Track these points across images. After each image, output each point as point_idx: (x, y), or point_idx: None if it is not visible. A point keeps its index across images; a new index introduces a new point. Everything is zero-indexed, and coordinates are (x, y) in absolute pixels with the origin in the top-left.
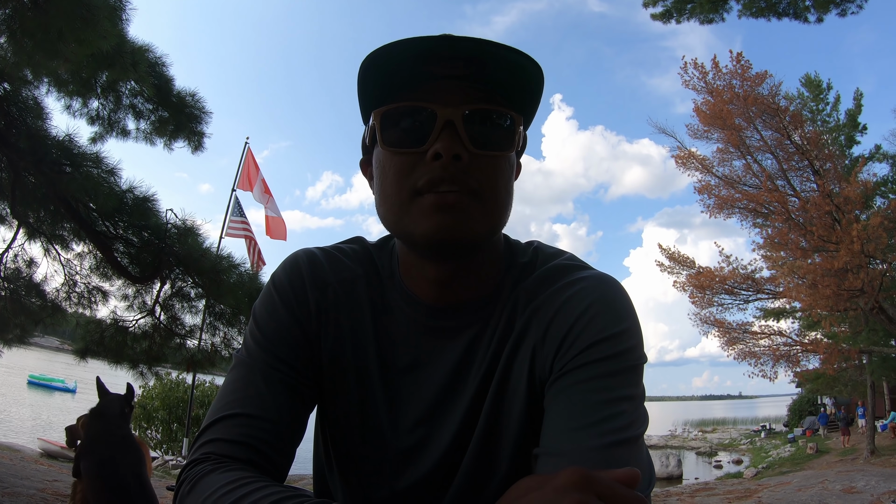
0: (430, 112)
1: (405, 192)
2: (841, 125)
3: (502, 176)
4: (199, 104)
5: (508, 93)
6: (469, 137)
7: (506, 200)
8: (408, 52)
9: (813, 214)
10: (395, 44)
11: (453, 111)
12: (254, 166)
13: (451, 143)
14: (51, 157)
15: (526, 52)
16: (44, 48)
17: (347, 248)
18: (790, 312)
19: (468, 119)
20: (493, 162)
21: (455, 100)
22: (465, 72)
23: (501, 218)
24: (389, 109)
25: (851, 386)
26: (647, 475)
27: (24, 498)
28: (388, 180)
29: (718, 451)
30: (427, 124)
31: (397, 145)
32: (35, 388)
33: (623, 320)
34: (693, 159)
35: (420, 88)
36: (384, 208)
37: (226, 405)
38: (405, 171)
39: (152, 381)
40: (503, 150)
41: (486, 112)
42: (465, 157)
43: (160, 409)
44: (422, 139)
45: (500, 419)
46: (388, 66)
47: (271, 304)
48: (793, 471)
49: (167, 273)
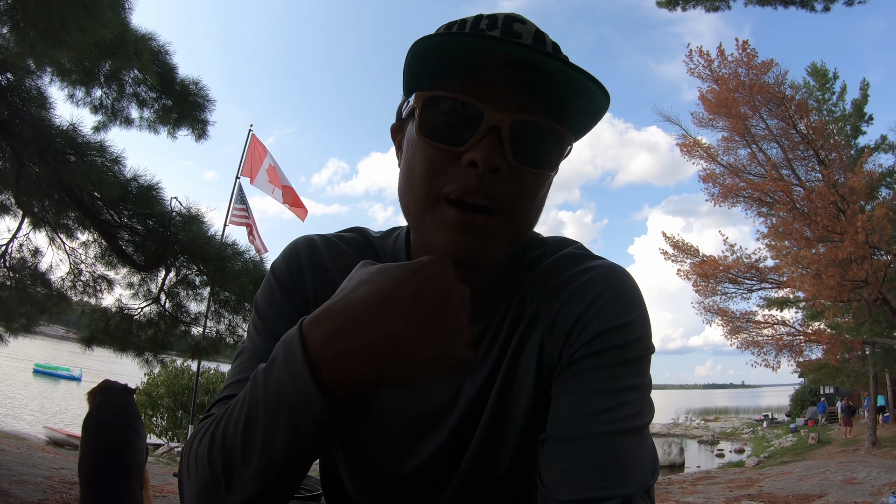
0: (478, 111)
1: (432, 193)
2: (847, 115)
3: (538, 195)
4: (202, 92)
5: (566, 110)
6: (513, 148)
7: (535, 219)
8: (477, 45)
9: (818, 204)
10: (468, 29)
11: (502, 116)
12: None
13: (491, 154)
14: (55, 147)
15: (597, 78)
16: (46, 38)
17: (347, 236)
18: (794, 302)
19: (516, 128)
20: (532, 179)
21: (508, 103)
22: (526, 77)
23: (526, 235)
24: (435, 96)
25: (854, 377)
26: (651, 465)
27: (30, 486)
28: (416, 171)
29: (720, 439)
30: (471, 124)
31: (434, 138)
32: (41, 376)
33: (632, 310)
34: (698, 147)
35: (473, 81)
36: (407, 198)
37: (225, 388)
38: (437, 169)
39: (157, 368)
40: (546, 168)
41: (538, 125)
42: (503, 169)
43: (165, 396)
44: (462, 139)
45: (507, 407)
46: (445, 49)
47: (270, 291)
48: (794, 461)
49: (172, 261)
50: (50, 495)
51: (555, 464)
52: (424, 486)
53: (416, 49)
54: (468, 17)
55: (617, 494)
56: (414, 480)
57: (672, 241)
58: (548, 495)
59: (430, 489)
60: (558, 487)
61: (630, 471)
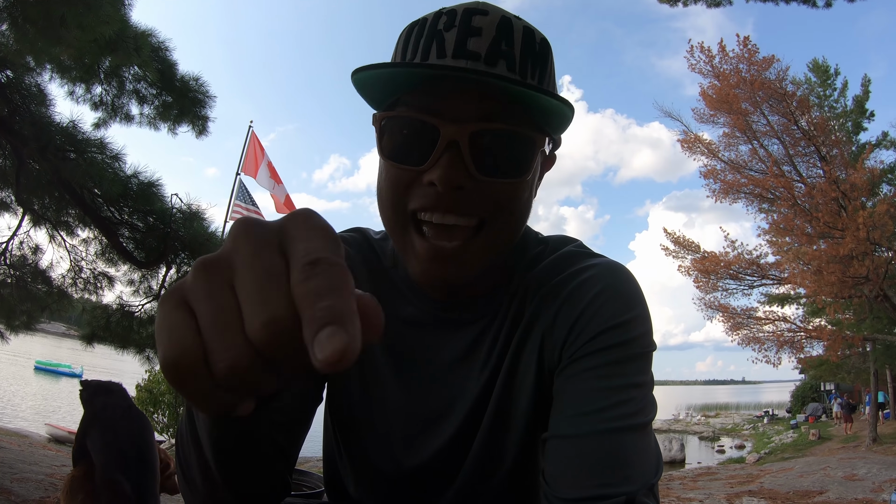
0: (433, 128)
1: (400, 214)
2: (848, 111)
3: (516, 202)
4: (202, 88)
5: (532, 110)
6: (475, 162)
7: (518, 225)
8: (421, 73)
9: (819, 200)
10: (427, 30)
11: (458, 129)
12: (259, 150)
13: (450, 171)
14: (55, 144)
15: (555, 92)
16: (46, 35)
17: (348, 236)
18: (795, 298)
19: (476, 140)
20: (504, 188)
21: (467, 114)
22: (484, 84)
23: (510, 242)
24: (390, 116)
25: (855, 373)
26: (654, 463)
27: (32, 483)
28: (383, 191)
29: (721, 436)
30: (428, 141)
31: (395, 159)
32: (42, 373)
33: (632, 308)
34: (699, 143)
35: (430, 94)
36: (382, 217)
37: None
38: (401, 189)
39: (158, 365)
40: (516, 176)
41: (500, 132)
42: (468, 185)
43: (166, 393)
44: (421, 158)
45: (509, 406)
46: (392, 67)
47: None
48: (795, 457)
49: (173, 258)
50: (52, 493)
51: (558, 462)
52: (427, 485)
53: (358, 80)
54: (430, 14)
55: (621, 492)
56: (416, 479)
57: (673, 237)
58: (551, 493)
59: (433, 487)
60: (562, 485)
61: (633, 468)
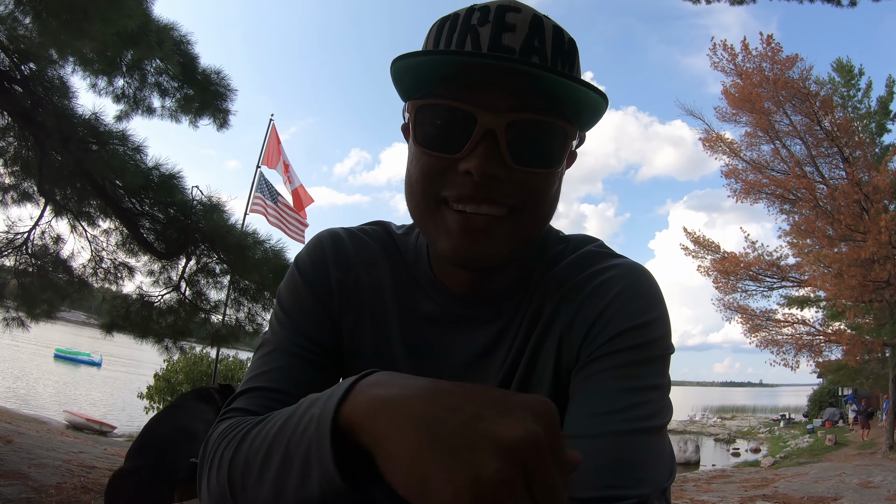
0: (470, 116)
1: (431, 199)
2: (872, 112)
3: (547, 192)
4: (224, 81)
5: (565, 103)
6: (511, 151)
7: (547, 216)
8: (461, 60)
9: (841, 203)
10: (460, 25)
11: (496, 118)
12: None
13: (486, 161)
14: (77, 136)
15: (591, 83)
16: (69, 28)
17: (370, 229)
18: (814, 301)
19: (513, 130)
20: (537, 179)
21: (503, 104)
22: (520, 74)
23: (539, 232)
24: (426, 104)
25: (873, 379)
26: (668, 466)
27: (50, 469)
28: (415, 178)
29: (737, 438)
30: (464, 130)
31: (429, 147)
32: (62, 361)
33: (652, 309)
34: (721, 142)
35: (466, 84)
36: (410, 204)
37: (248, 381)
38: (434, 176)
39: (177, 355)
40: (549, 166)
41: (536, 123)
42: (502, 175)
43: (184, 382)
44: (457, 146)
45: None
46: (428, 65)
47: (293, 283)
48: (810, 462)
49: (192, 249)
50: (69, 478)
51: None
52: None
53: (397, 68)
54: (461, 10)
55: (633, 494)
56: None
57: (693, 237)
58: None
59: None
60: (575, 485)
61: (647, 471)
